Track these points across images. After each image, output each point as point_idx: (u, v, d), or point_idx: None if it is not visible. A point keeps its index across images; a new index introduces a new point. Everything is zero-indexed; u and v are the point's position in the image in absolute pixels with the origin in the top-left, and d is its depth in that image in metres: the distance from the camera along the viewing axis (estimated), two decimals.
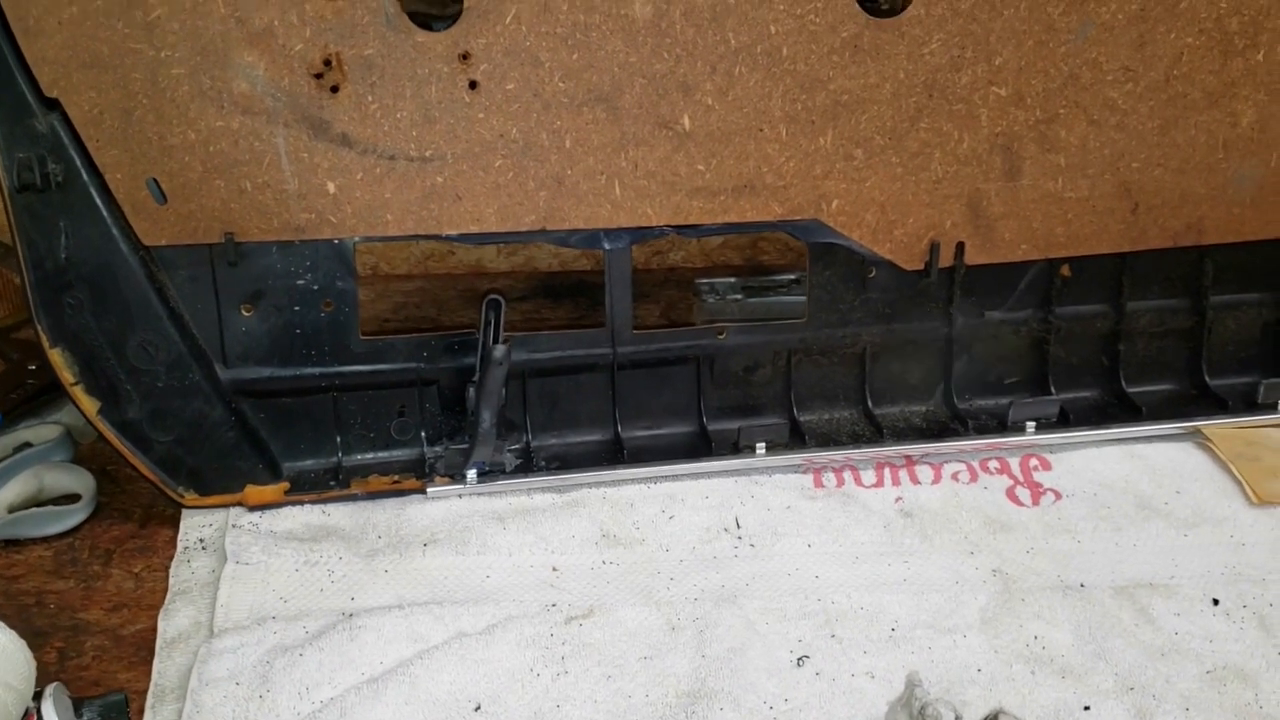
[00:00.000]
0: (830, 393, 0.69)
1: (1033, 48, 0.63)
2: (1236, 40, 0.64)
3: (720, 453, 0.65)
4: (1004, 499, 0.64)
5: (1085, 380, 0.72)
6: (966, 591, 0.57)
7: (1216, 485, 0.65)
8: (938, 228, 0.65)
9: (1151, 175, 0.66)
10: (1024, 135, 0.64)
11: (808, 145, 0.62)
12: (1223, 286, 0.71)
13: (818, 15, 0.60)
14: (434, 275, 0.89)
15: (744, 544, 0.60)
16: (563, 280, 0.88)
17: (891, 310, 0.68)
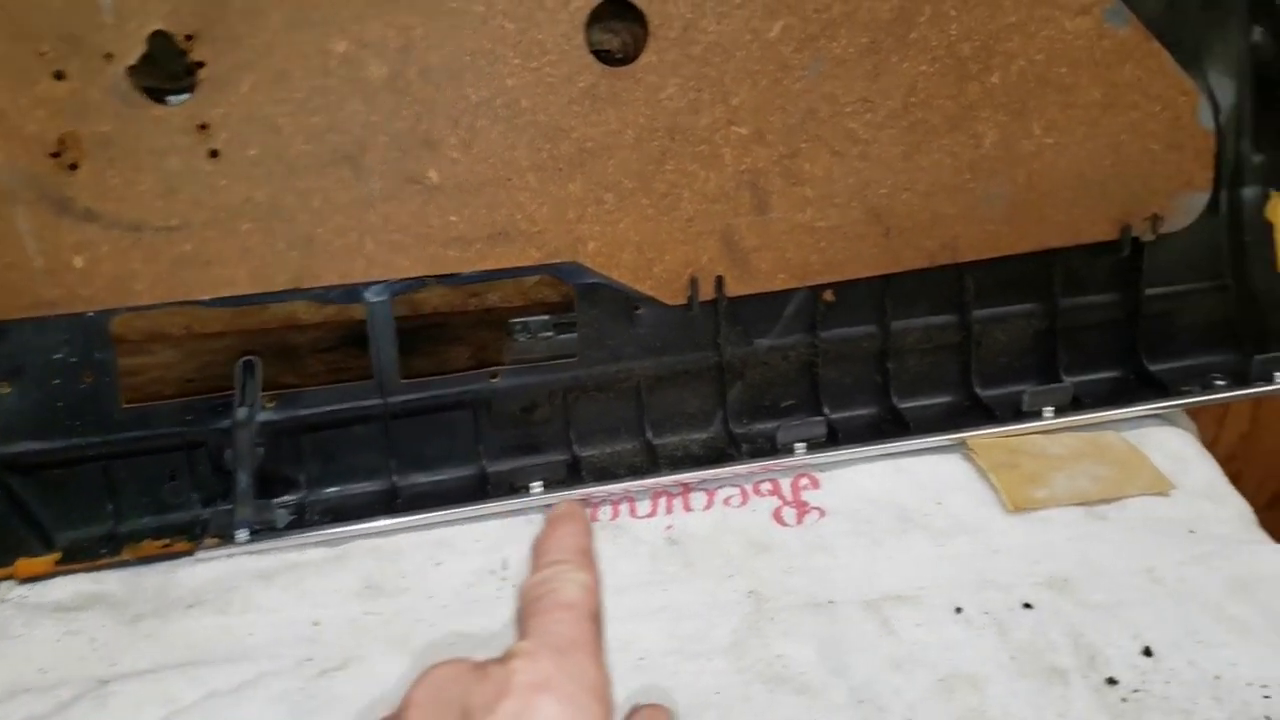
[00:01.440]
0: (611, 427, 0.71)
1: (768, 86, 0.65)
2: (970, 65, 0.67)
3: (497, 494, 0.66)
4: (770, 520, 0.66)
5: (860, 399, 0.74)
6: (719, 615, 0.59)
7: (976, 495, 0.67)
8: (695, 263, 0.68)
9: (900, 200, 0.69)
10: (769, 171, 0.67)
11: (558, 192, 0.64)
12: (987, 301, 0.74)
13: (553, 68, 0.62)
14: (245, 331, 0.90)
15: (509, 585, 0.61)
16: None
17: (662, 344, 0.70)
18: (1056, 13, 0.67)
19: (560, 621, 0.35)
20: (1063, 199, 0.71)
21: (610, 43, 0.63)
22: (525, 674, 0.33)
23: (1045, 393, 0.72)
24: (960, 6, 0.66)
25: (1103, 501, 0.66)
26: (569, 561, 0.37)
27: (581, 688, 0.33)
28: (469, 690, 0.33)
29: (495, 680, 0.33)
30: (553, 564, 0.37)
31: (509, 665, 0.33)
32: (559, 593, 0.36)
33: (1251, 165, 0.73)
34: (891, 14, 0.65)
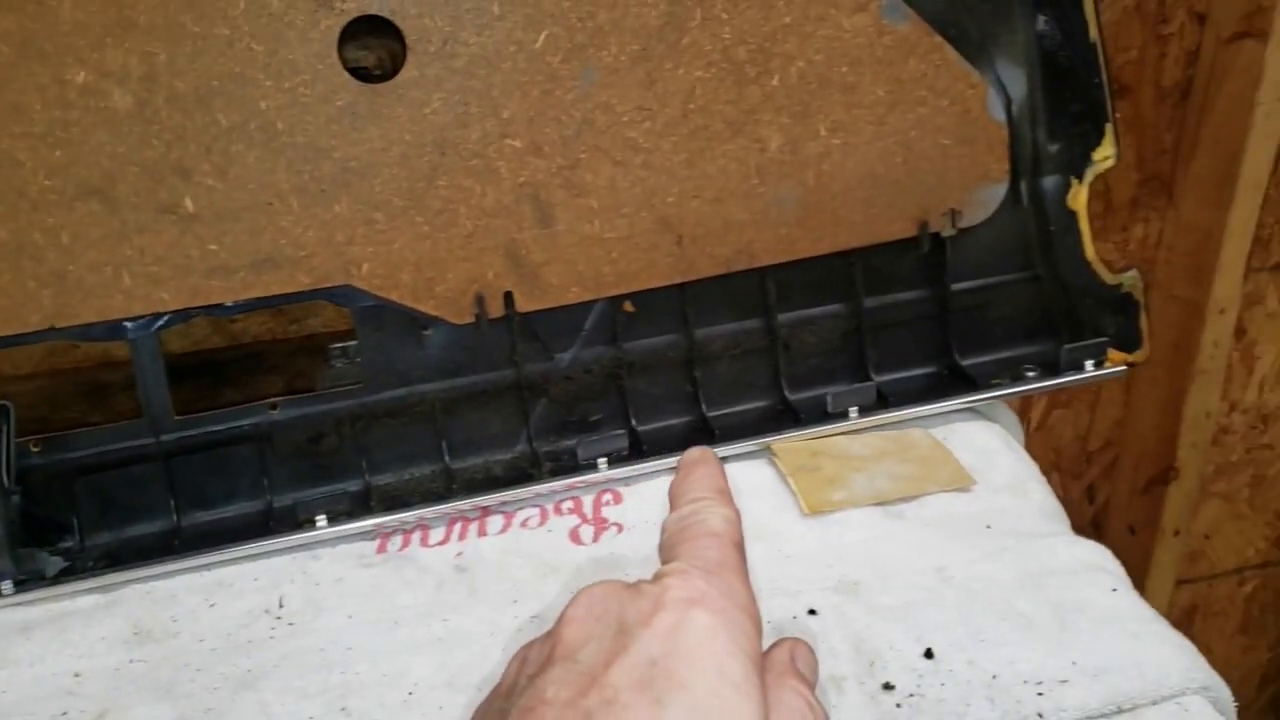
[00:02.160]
0: (407, 453, 0.69)
1: (539, 97, 0.64)
2: (748, 69, 0.67)
3: (281, 529, 0.64)
4: (565, 540, 0.64)
5: (671, 409, 0.73)
6: (497, 644, 0.57)
7: (776, 500, 0.66)
8: (480, 280, 0.66)
9: (689, 207, 0.68)
10: (549, 183, 0.65)
11: (323, 214, 0.63)
12: (792, 304, 0.73)
13: (307, 88, 0.61)
14: (57, 372, 0.87)
15: (283, 624, 0.59)
16: (190, 360, 0.87)
17: (455, 365, 0.68)
18: (832, 11, 0.66)
19: (708, 547, 0.37)
20: (856, 198, 0.70)
21: (366, 59, 0.62)
22: (679, 590, 0.35)
23: (849, 393, 0.71)
24: (731, 10, 0.65)
25: (901, 500, 0.65)
26: (710, 498, 0.39)
27: (733, 603, 0.35)
28: (624, 606, 0.35)
29: (650, 596, 0.35)
30: (695, 500, 0.39)
31: (662, 582, 0.35)
32: (705, 522, 0.38)
33: (1049, 154, 0.73)
34: (661, 20, 0.64)
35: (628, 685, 0.33)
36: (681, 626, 0.34)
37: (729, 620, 0.35)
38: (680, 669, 0.33)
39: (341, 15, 0.60)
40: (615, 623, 0.35)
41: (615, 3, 0.63)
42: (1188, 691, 0.53)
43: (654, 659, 0.33)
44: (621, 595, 0.36)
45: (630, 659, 0.33)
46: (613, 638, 0.34)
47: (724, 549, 0.37)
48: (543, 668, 0.35)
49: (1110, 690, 0.53)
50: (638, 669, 0.33)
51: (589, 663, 0.34)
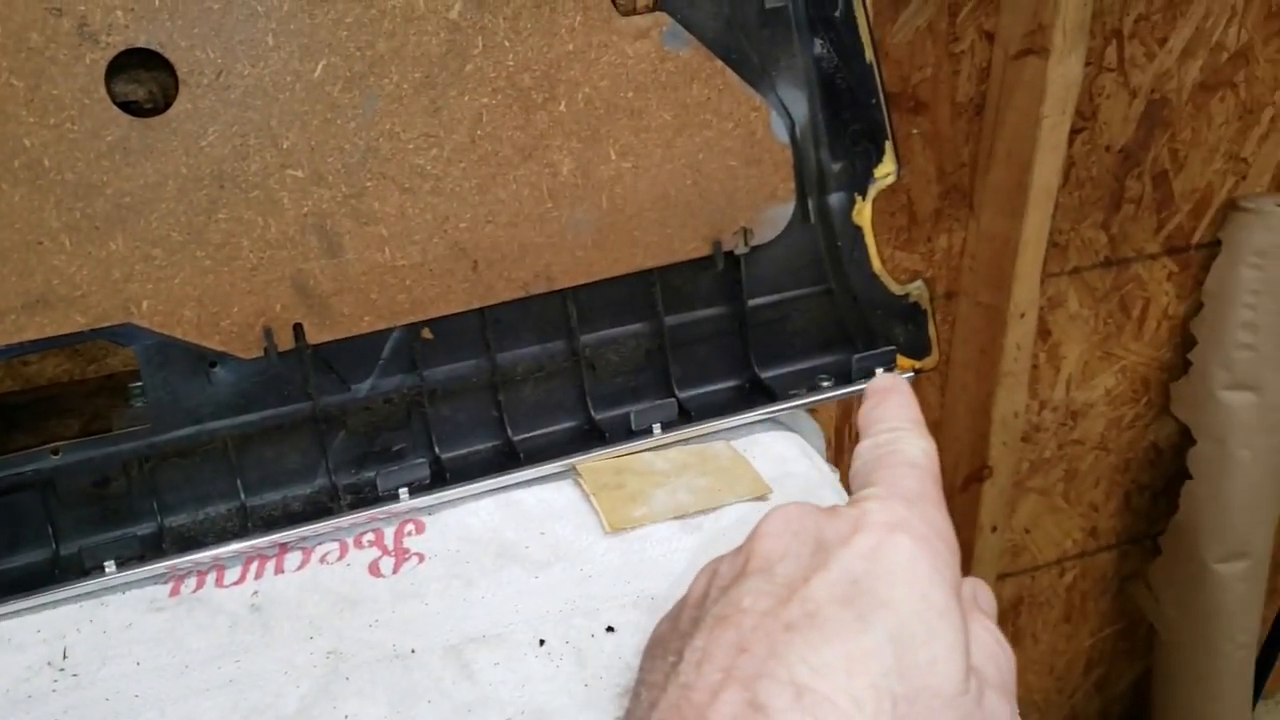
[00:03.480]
0: (201, 492, 0.67)
1: (320, 126, 0.63)
2: (534, 95, 0.67)
3: (67, 578, 0.62)
4: (365, 574, 0.64)
5: (477, 434, 0.73)
6: (291, 682, 0.56)
7: (579, 520, 0.67)
8: (268, 313, 0.65)
9: (484, 232, 0.68)
10: (335, 212, 0.65)
11: (98, 252, 0.61)
12: (594, 324, 0.74)
13: (74, 124, 0.59)
14: None
15: (66, 675, 0.57)
16: None
17: (246, 400, 0.67)
18: (615, 38, 0.68)
19: (907, 476, 0.36)
20: (650, 220, 0.71)
21: (137, 93, 0.60)
22: (880, 514, 0.34)
23: (652, 409, 0.72)
24: (514, 37, 0.66)
25: (700, 513, 0.67)
26: (906, 428, 0.38)
27: (934, 532, 0.34)
28: (821, 525, 0.34)
29: (849, 518, 0.34)
30: (891, 429, 0.38)
31: (862, 505, 0.34)
32: (904, 452, 0.37)
33: (833, 173, 0.76)
34: (442, 48, 0.64)
35: (830, 599, 0.32)
36: (883, 549, 0.33)
37: (931, 548, 0.34)
38: (883, 589, 0.32)
39: (108, 49, 0.59)
40: (813, 540, 0.34)
41: (394, 31, 0.63)
42: None
43: (856, 577, 0.32)
44: (818, 515, 0.35)
45: (831, 575, 0.33)
46: (811, 554, 0.34)
47: (923, 479, 0.36)
48: (736, 579, 0.34)
49: None
50: (840, 585, 0.32)
51: (788, 575, 0.33)
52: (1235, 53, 1.19)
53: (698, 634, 0.34)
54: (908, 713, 0.32)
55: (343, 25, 0.62)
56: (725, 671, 0.33)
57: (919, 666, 0.32)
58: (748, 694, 0.32)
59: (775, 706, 0.31)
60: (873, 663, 0.31)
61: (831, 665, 0.31)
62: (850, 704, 0.31)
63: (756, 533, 0.36)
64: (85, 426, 0.80)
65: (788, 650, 0.31)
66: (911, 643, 0.32)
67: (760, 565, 0.34)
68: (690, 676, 0.34)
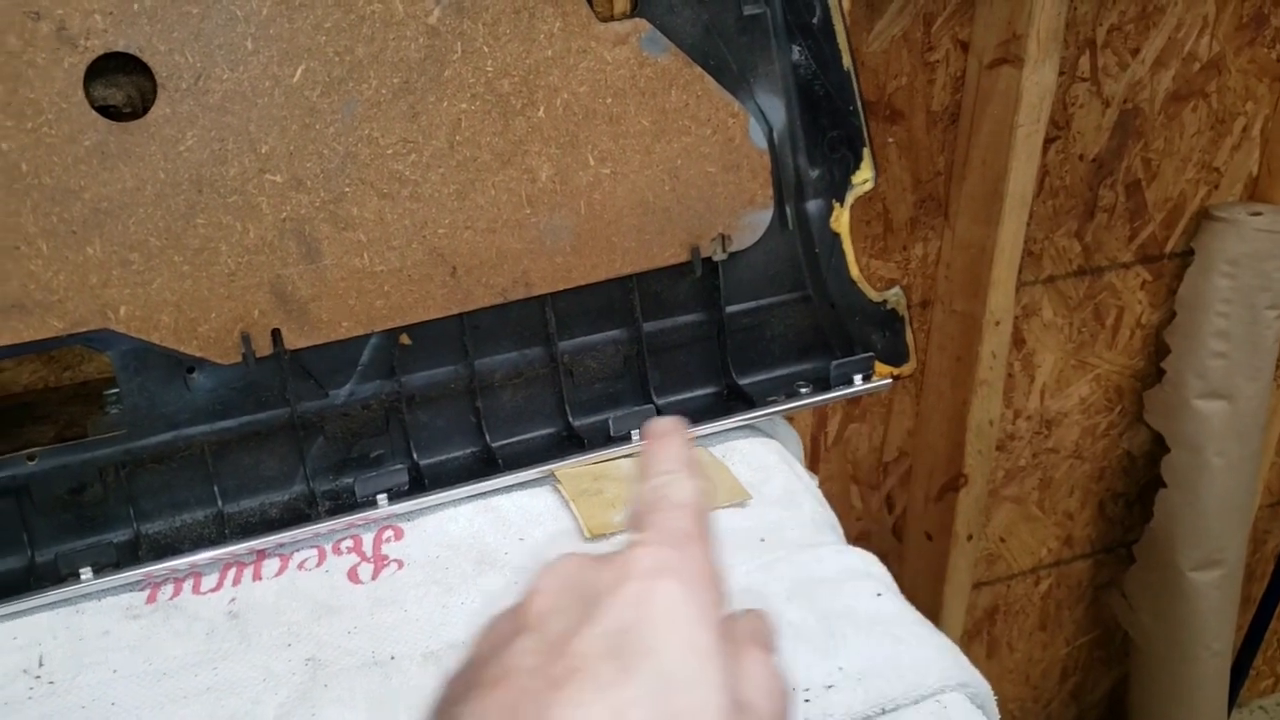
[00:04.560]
0: (178, 500, 0.67)
1: (299, 132, 0.63)
2: (513, 100, 0.67)
3: (43, 585, 0.61)
4: (343, 580, 0.63)
5: (455, 440, 0.73)
6: (270, 689, 0.56)
7: (559, 526, 0.67)
8: (246, 318, 0.65)
9: (462, 238, 0.68)
10: (313, 218, 0.65)
11: (75, 257, 0.61)
12: (573, 330, 0.74)
13: (52, 128, 0.59)
14: None
15: (43, 683, 0.57)
16: None
17: (224, 406, 0.66)
18: (594, 44, 0.68)
19: (676, 519, 0.37)
20: (628, 226, 0.71)
21: (115, 97, 0.60)
22: (646, 560, 0.35)
23: (630, 415, 0.72)
24: (493, 43, 0.66)
25: None
26: (678, 470, 0.39)
27: (699, 574, 0.35)
28: (592, 577, 0.35)
29: (617, 567, 0.35)
30: (664, 472, 0.39)
31: (630, 553, 0.35)
32: (673, 495, 0.38)
33: (811, 179, 0.76)
34: (421, 53, 0.64)
35: (596, 653, 0.33)
36: (650, 596, 0.34)
37: (696, 590, 0.35)
38: (648, 637, 0.33)
39: (86, 53, 0.58)
40: (583, 593, 0.35)
41: (373, 36, 0.63)
42: (946, 689, 0.56)
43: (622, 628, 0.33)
44: (588, 566, 0.36)
45: (598, 628, 0.33)
46: (580, 607, 0.34)
47: (691, 521, 0.37)
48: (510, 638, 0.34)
49: (873, 692, 0.55)
50: (606, 637, 0.33)
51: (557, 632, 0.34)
52: (1207, 63, 1.21)
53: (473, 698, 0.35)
54: None
55: (322, 30, 0.62)
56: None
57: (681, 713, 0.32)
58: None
59: None
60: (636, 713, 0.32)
61: None
62: None
63: (530, 589, 0.37)
64: (60, 433, 0.79)
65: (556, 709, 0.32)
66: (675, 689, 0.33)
67: (532, 622, 0.35)
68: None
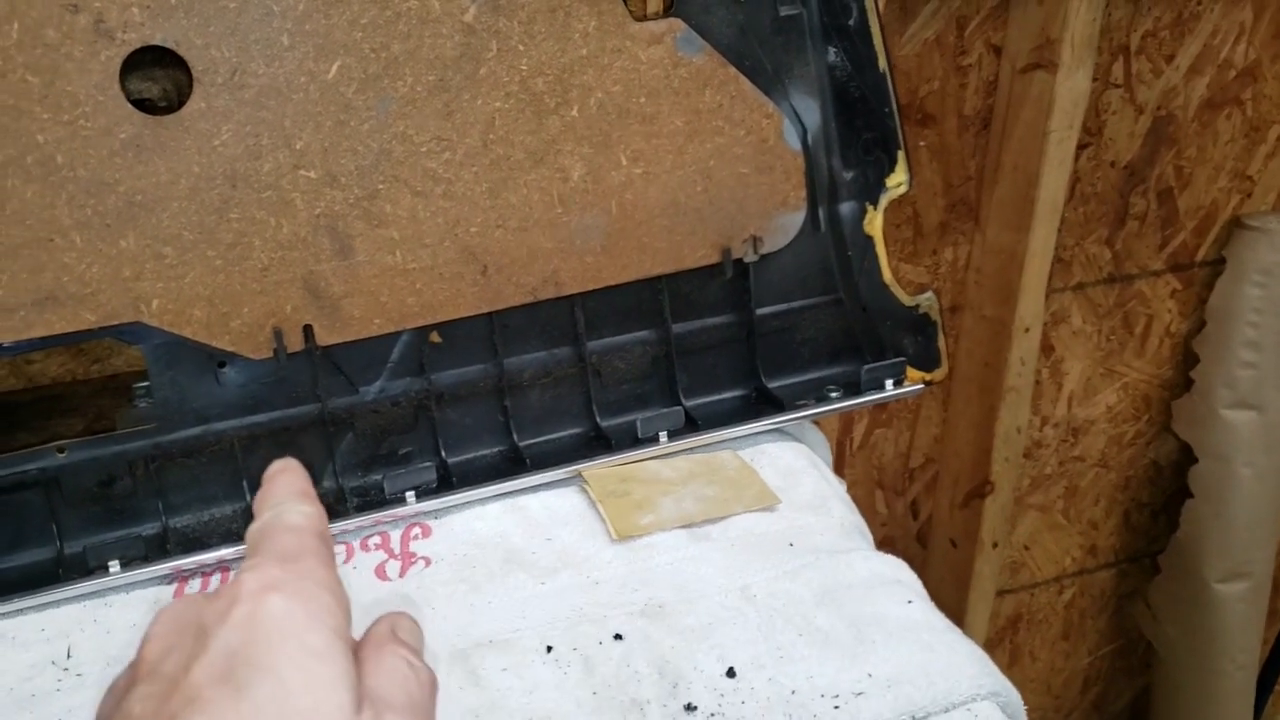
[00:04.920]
0: (207, 493, 0.67)
1: (333, 128, 0.63)
2: (547, 99, 0.67)
3: (71, 578, 0.62)
4: (371, 577, 0.63)
5: (483, 439, 0.73)
6: None
7: (586, 526, 0.67)
8: (278, 314, 0.65)
9: (493, 237, 0.68)
10: (347, 214, 0.65)
11: (109, 250, 0.61)
12: (601, 331, 0.74)
13: (88, 120, 0.59)
14: None
15: (70, 675, 0.57)
16: None
17: (254, 401, 0.66)
18: (628, 43, 0.67)
19: (285, 540, 0.37)
20: (660, 226, 0.71)
21: (151, 91, 0.60)
22: (252, 581, 0.35)
23: (658, 417, 0.72)
24: (528, 41, 0.65)
25: (708, 522, 0.66)
26: (289, 500, 0.39)
27: (313, 583, 0.35)
28: (202, 610, 0.35)
29: (225, 595, 0.35)
30: (274, 505, 0.39)
31: (238, 579, 0.35)
32: (283, 520, 0.38)
33: (845, 181, 0.76)
34: (457, 51, 0.64)
35: (209, 681, 0.33)
36: (258, 613, 0.34)
37: (307, 599, 0.35)
38: (260, 653, 0.33)
39: (123, 46, 0.58)
40: (195, 628, 0.35)
41: (409, 33, 0.63)
42: (977, 698, 0.55)
43: (233, 650, 0.33)
44: (198, 602, 0.36)
45: (210, 656, 0.33)
46: (193, 642, 0.34)
47: (302, 538, 0.37)
48: (127, 690, 0.35)
49: (903, 700, 0.54)
50: (218, 663, 0.33)
51: (171, 671, 0.34)
52: (1242, 70, 1.19)
53: None
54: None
55: (358, 26, 0.62)
56: None
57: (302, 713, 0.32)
58: None
59: None
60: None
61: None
62: None
63: (143, 638, 0.36)
64: (89, 426, 0.79)
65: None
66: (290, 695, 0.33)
67: (147, 670, 0.35)
68: None
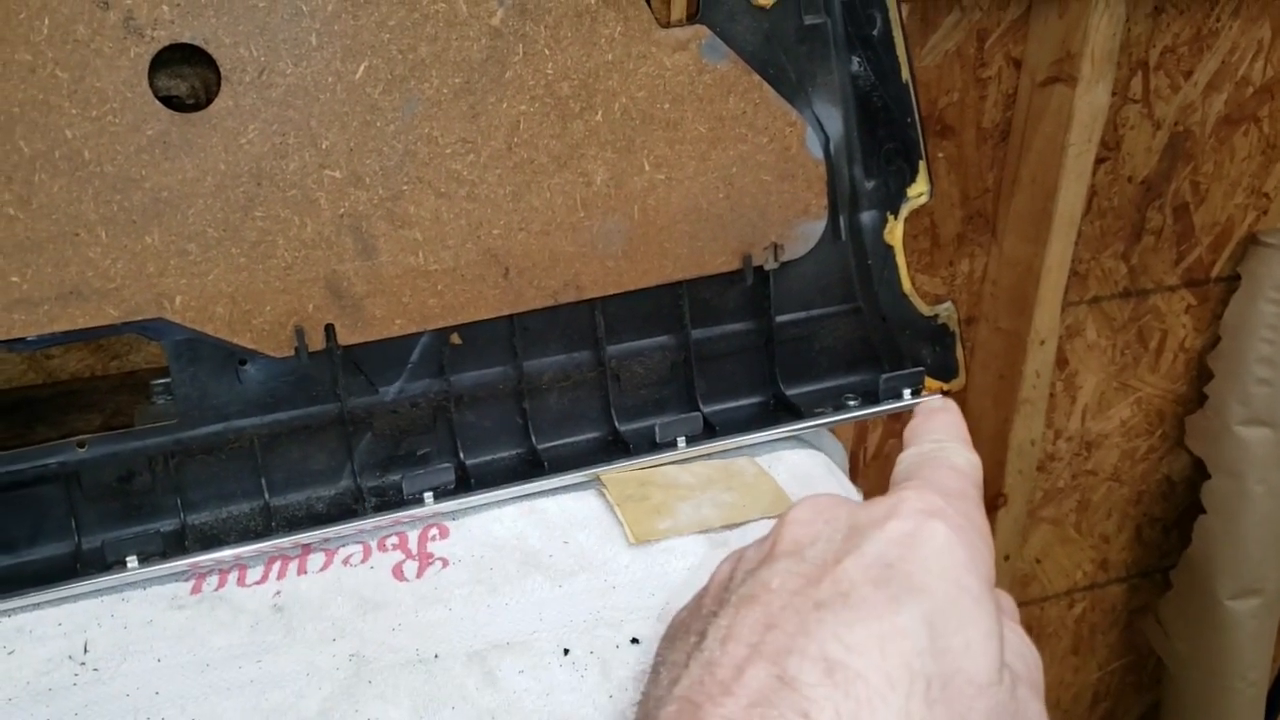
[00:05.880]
0: (225, 490, 0.67)
1: (359, 128, 0.63)
2: (572, 104, 0.67)
3: (89, 572, 0.62)
4: (389, 576, 0.63)
5: (501, 441, 0.73)
6: (313, 684, 0.56)
7: (603, 530, 0.67)
8: (300, 312, 0.65)
9: (516, 240, 0.68)
10: (371, 214, 0.65)
11: (133, 245, 0.61)
12: (621, 335, 0.74)
13: (116, 116, 0.59)
14: None
15: (87, 669, 0.57)
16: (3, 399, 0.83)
17: (275, 399, 0.67)
18: (654, 49, 0.68)
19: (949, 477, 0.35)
20: (681, 232, 0.71)
21: (179, 88, 0.60)
22: (916, 501, 0.33)
23: (677, 422, 0.72)
24: (554, 46, 0.66)
25: (725, 528, 0.66)
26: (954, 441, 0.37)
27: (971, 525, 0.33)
28: (855, 512, 0.34)
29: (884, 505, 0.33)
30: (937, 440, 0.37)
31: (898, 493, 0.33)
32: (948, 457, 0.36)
33: (866, 190, 0.76)
34: (483, 54, 0.64)
35: (863, 579, 0.31)
36: (919, 535, 0.32)
37: (968, 539, 0.33)
38: (918, 573, 0.31)
39: (152, 43, 0.59)
40: (845, 525, 0.33)
41: (437, 36, 0.63)
42: None
43: (890, 561, 0.32)
44: (850, 503, 0.35)
45: (865, 557, 0.32)
46: (843, 538, 0.33)
47: (964, 482, 0.36)
48: (763, 562, 0.33)
49: None
50: (873, 568, 0.31)
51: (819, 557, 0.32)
52: (1260, 87, 1.19)
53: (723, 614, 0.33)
54: (940, 695, 0.31)
55: (386, 27, 0.62)
56: (752, 647, 0.32)
57: (953, 650, 0.31)
58: (776, 669, 0.31)
59: (805, 681, 0.30)
60: (906, 643, 0.30)
61: (864, 643, 0.31)
62: (883, 681, 0.30)
63: (785, 519, 0.35)
64: (106, 422, 0.80)
65: (818, 627, 0.31)
66: (946, 627, 0.31)
67: (789, 549, 0.34)
68: (715, 653, 0.33)
